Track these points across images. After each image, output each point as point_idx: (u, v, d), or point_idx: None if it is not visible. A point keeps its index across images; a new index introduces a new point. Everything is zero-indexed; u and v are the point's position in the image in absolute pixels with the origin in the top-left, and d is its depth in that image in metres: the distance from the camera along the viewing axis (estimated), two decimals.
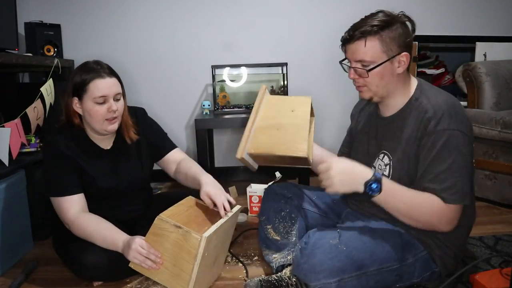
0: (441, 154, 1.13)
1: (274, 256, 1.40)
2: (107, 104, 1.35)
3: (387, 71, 1.18)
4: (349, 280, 1.14)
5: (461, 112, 1.16)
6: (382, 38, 1.14)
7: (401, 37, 1.16)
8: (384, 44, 1.15)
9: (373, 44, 1.15)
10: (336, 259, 1.14)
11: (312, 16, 2.69)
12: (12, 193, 1.57)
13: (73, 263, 1.36)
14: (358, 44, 1.16)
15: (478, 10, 2.80)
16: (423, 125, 1.16)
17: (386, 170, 1.26)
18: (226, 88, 2.50)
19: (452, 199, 1.12)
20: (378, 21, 1.14)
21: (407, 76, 1.24)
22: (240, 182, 2.65)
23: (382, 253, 1.18)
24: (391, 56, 1.16)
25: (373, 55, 1.16)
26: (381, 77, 1.18)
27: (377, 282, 1.18)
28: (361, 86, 1.23)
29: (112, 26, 2.61)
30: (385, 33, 1.14)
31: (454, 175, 1.12)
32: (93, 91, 1.33)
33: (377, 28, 1.14)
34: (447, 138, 1.12)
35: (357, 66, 1.19)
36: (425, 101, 1.18)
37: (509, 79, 2.35)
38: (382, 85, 1.20)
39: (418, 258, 1.22)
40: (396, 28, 1.16)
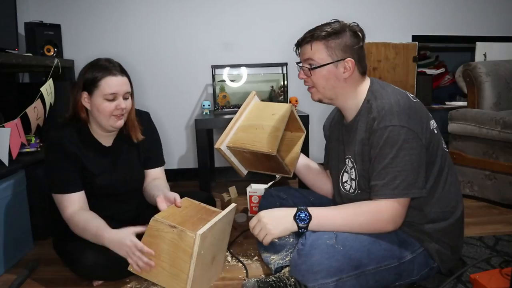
0: (383, 150, 1.16)
1: (273, 258, 1.40)
2: (116, 101, 1.38)
3: (332, 74, 1.25)
4: (347, 280, 1.14)
5: (405, 108, 1.17)
6: (327, 44, 1.23)
7: (348, 44, 1.23)
8: (329, 49, 1.23)
9: (318, 47, 1.24)
10: (333, 259, 1.14)
11: (312, 16, 2.68)
12: (12, 193, 1.57)
13: (73, 262, 1.36)
14: (306, 46, 1.27)
15: (478, 10, 2.80)
16: (369, 125, 1.20)
17: (353, 173, 1.30)
18: (226, 88, 2.50)
19: (390, 194, 1.14)
20: (328, 28, 1.23)
21: (359, 80, 1.28)
22: (240, 182, 2.65)
23: (379, 251, 1.18)
24: (335, 60, 1.23)
25: (318, 56, 1.25)
26: (326, 79, 1.26)
27: (376, 281, 1.18)
28: (310, 88, 1.32)
29: (112, 26, 2.61)
30: (331, 39, 1.23)
31: (394, 170, 1.14)
32: (104, 87, 1.36)
33: (325, 34, 1.23)
34: (388, 134, 1.15)
35: (305, 65, 1.29)
36: (373, 103, 1.21)
37: (509, 79, 2.35)
38: (328, 87, 1.27)
39: (416, 255, 1.23)
40: (343, 36, 1.23)
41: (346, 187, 1.35)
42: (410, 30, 2.74)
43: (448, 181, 1.27)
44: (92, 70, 1.38)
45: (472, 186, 2.19)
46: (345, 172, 1.35)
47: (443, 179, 1.26)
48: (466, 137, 2.18)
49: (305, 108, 2.60)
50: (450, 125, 2.25)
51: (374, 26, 2.71)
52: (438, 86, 3.00)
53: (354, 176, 1.29)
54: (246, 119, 1.49)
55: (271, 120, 1.44)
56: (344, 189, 1.35)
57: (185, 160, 2.79)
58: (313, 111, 2.46)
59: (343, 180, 1.37)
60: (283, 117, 1.43)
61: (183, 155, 2.79)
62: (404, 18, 2.76)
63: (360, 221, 1.18)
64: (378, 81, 1.31)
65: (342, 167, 1.37)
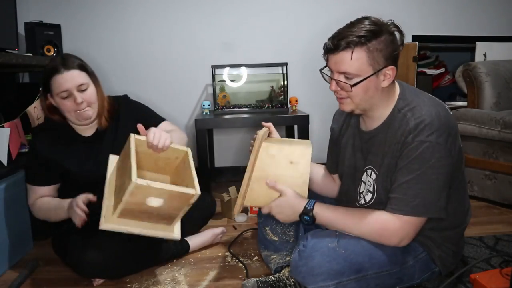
0: (412, 165, 1.09)
1: (273, 257, 1.40)
2: (72, 96, 1.38)
3: (372, 84, 1.11)
4: (347, 283, 1.14)
5: (446, 123, 1.09)
6: (369, 50, 1.07)
7: (388, 48, 1.08)
8: (371, 57, 1.07)
9: (359, 56, 1.07)
10: (334, 262, 1.13)
11: (312, 16, 2.69)
12: (12, 193, 1.57)
13: (73, 260, 1.36)
14: (343, 55, 1.08)
15: (478, 10, 2.80)
16: (404, 137, 1.11)
17: (372, 185, 1.23)
18: (226, 88, 2.50)
19: (407, 211, 1.10)
20: (366, 31, 1.06)
21: (392, 87, 1.18)
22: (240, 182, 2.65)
23: (381, 256, 1.17)
24: (377, 70, 1.09)
25: (358, 68, 1.08)
26: (365, 91, 1.12)
27: (376, 285, 1.18)
28: (343, 98, 1.17)
29: (112, 26, 2.60)
30: (372, 44, 1.06)
31: (417, 187, 1.09)
32: (55, 87, 1.37)
33: (365, 39, 1.06)
34: (422, 150, 1.07)
35: (340, 78, 1.12)
36: (408, 114, 1.12)
37: (509, 79, 2.35)
38: (365, 98, 1.14)
39: (418, 259, 1.22)
40: (384, 38, 1.08)
41: (362, 198, 1.27)
42: (410, 30, 2.74)
43: (461, 192, 1.24)
44: (43, 73, 1.40)
45: (472, 186, 2.18)
46: (363, 183, 1.27)
47: (458, 192, 1.22)
48: (466, 137, 2.18)
49: (305, 108, 2.60)
50: None
51: None
52: (438, 86, 3.00)
53: (372, 189, 1.22)
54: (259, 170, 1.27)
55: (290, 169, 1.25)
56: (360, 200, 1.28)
57: None
58: (313, 111, 2.46)
59: (360, 191, 1.28)
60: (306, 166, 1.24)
61: None
62: (404, 18, 2.74)
63: (362, 230, 1.16)
64: (409, 86, 1.21)
65: (359, 177, 1.28)
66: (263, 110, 2.43)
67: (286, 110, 2.43)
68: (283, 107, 2.45)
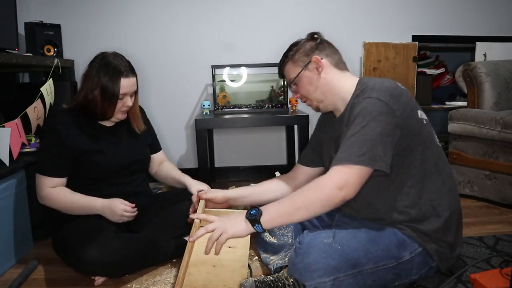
0: (356, 119, 1.16)
1: (272, 258, 1.40)
2: (124, 99, 1.48)
3: (309, 78, 1.32)
4: (344, 279, 1.14)
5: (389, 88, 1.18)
6: (292, 60, 1.35)
7: (307, 47, 1.34)
8: (296, 62, 1.34)
9: (288, 67, 1.37)
10: (331, 257, 1.14)
11: (312, 16, 2.69)
12: (12, 193, 1.57)
13: (73, 257, 1.36)
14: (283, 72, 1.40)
15: (478, 10, 2.80)
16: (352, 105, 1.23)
17: None
18: (226, 88, 2.50)
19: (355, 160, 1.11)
20: (287, 52, 1.37)
21: (339, 74, 1.33)
22: (240, 182, 2.66)
23: (377, 251, 1.18)
24: (304, 65, 1.32)
25: (292, 73, 1.36)
26: (308, 84, 1.33)
27: (374, 280, 1.18)
28: (305, 101, 1.39)
29: (112, 26, 2.61)
30: (293, 55, 1.35)
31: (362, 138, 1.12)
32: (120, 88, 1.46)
33: (287, 55, 1.36)
34: (364, 105, 1.16)
35: (292, 87, 1.39)
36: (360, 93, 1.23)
37: (509, 79, 2.35)
38: (312, 90, 1.33)
39: (415, 255, 1.22)
40: (301, 45, 1.35)
41: None
42: (410, 30, 2.74)
43: (442, 176, 1.25)
44: (106, 70, 1.43)
45: (472, 186, 2.19)
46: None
47: (435, 172, 1.24)
48: (466, 137, 2.18)
49: (305, 108, 2.60)
50: (450, 125, 2.25)
51: (374, 26, 2.71)
52: (438, 86, 3.00)
53: None
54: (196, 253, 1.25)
55: (229, 254, 1.25)
56: None
57: (185, 160, 2.79)
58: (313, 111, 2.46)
59: None
60: (245, 250, 1.26)
61: (183, 155, 2.79)
62: (404, 18, 2.76)
63: (305, 195, 1.15)
64: (368, 77, 1.35)
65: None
66: (263, 110, 2.43)
67: (286, 110, 2.43)
68: (283, 107, 2.45)
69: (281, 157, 2.85)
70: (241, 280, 1.27)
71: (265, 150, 2.84)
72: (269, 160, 2.83)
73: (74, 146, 1.45)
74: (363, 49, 2.64)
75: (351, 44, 2.68)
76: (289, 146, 2.76)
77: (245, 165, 2.86)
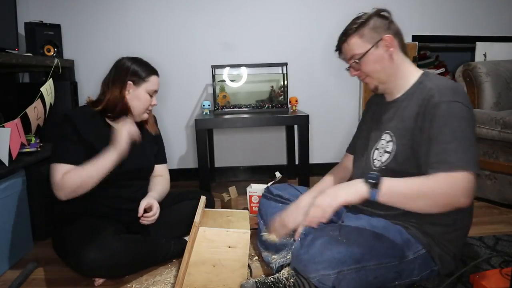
0: (449, 122, 1.13)
1: (274, 257, 1.40)
2: (153, 97, 1.57)
3: (377, 56, 1.28)
4: (348, 273, 1.13)
5: (464, 92, 1.19)
6: (360, 34, 1.28)
7: (378, 24, 1.28)
8: (364, 37, 1.28)
9: (354, 41, 1.29)
10: (336, 250, 1.13)
11: (312, 16, 2.69)
12: (12, 193, 1.57)
13: (73, 259, 1.36)
14: (344, 47, 1.33)
15: (478, 10, 2.80)
16: (427, 101, 1.19)
17: (389, 146, 1.27)
18: (226, 88, 2.50)
19: (464, 166, 1.09)
20: (355, 23, 1.29)
21: (404, 59, 1.31)
22: (240, 182, 2.66)
23: (382, 248, 1.18)
24: (374, 43, 1.27)
25: (358, 48, 1.29)
26: (374, 63, 1.28)
27: (376, 277, 1.18)
28: (364, 78, 1.34)
29: (112, 26, 2.61)
30: (362, 29, 1.28)
31: (458, 141, 1.11)
32: (152, 83, 1.54)
33: (354, 29, 1.28)
34: (449, 107, 1.14)
35: (351, 62, 1.32)
36: (429, 83, 1.22)
37: (509, 79, 2.35)
38: (378, 69, 1.29)
39: (418, 256, 1.22)
40: (371, 21, 1.28)
41: (375, 162, 1.32)
42: (410, 30, 2.74)
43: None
44: (139, 65, 1.53)
45: None
46: (376, 150, 1.33)
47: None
48: None
49: (305, 108, 2.60)
50: None
51: None
52: None
53: (391, 149, 1.26)
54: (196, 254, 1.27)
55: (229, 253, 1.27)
56: (375, 166, 1.31)
57: (185, 160, 2.79)
58: (313, 111, 2.46)
59: (373, 158, 1.34)
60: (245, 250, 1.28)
61: (183, 155, 2.79)
62: (404, 18, 2.75)
63: (433, 188, 1.10)
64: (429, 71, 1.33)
65: (373, 144, 1.36)
66: (263, 110, 2.43)
67: (286, 110, 2.43)
68: (283, 107, 2.45)
69: (281, 157, 2.85)
70: (241, 280, 1.26)
71: (265, 150, 2.84)
72: (269, 160, 2.83)
73: (87, 141, 1.44)
74: None
75: None
76: (289, 146, 2.76)
77: (245, 165, 2.86)
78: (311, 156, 2.57)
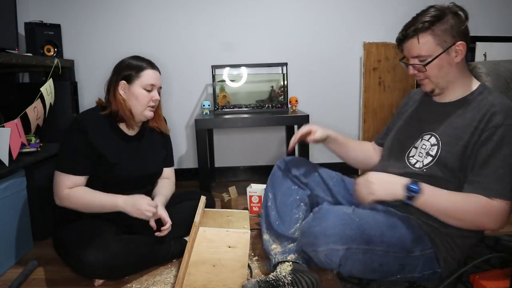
0: (504, 149, 1.12)
1: (274, 246, 1.39)
2: (152, 92, 1.50)
3: (445, 61, 1.20)
4: (355, 252, 1.14)
5: None
6: (434, 33, 1.18)
7: (454, 27, 1.18)
8: (437, 38, 1.18)
9: (426, 39, 1.19)
10: (348, 226, 1.14)
11: (312, 16, 2.69)
12: (12, 193, 1.57)
13: (74, 260, 1.36)
14: (411, 42, 1.21)
15: (478, 10, 2.80)
16: (488, 117, 1.15)
17: (434, 150, 1.25)
18: (226, 88, 2.50)
19: (501, 194, 1.10)
20: (429, 17, 1.18)
21: (466, 67, 1.26)
22: (240, 182, 2.66)
23: (392, 237, 1.18)
24: (446, 48, 1.19)
25: (428, 49, 1.19)
26: (439, 68, 1.21)
27: (380, 265, 1.18)
28: (422, 79, 1.27)
29: (112, 26, 2.61)
30: (436, 27, 1.17)
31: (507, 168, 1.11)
32: (146, 78, 1.48)
33: (428, 24, 1.17)
34: (508, 132, 1.11)
35: (415, 62, 1.23)
36: (490, 97, 1.19)
37: (509, 79, 2.35)
38: (441, 75, 1.23)
39: (424, 254, 1.23)
40: (447, 20, 1.18)
41: (412, 161, 1.30)
42: None
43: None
44: (135, 60, 1.49)
45: None
46: (414, 148, 1.32)
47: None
48: None
49: (305, 108, 2.60)
50: None
51: (374, 26, 2.71)
52: None
53: (434, 153, 1.24)
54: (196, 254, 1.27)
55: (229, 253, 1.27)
56: (410, 163, 1.30)
57: (185, 160, 2.79)
58: (313, 111, 2.46)
59: (410, 155, 1.32)
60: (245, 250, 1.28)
61: (183, 155, 2.79)
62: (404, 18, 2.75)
63: (468, 209, 1.12)
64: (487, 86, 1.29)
65: (411, 142, 1.33)
66: (263, 110, 2.43)
67: (286, 110, 2.43)
68: (283, 107, 2.45)
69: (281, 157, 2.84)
70: (241, 280, 1.27)
71: (265, 150, 2.84)
72: (269, 160, 2.83)
73: (97, 148, 1.42)
74: (363, 49, 2.64)
75: (351, 44, 2.68)
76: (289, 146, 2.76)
77: (245, 165, 2.86)
78: (311, 156, 2.57)
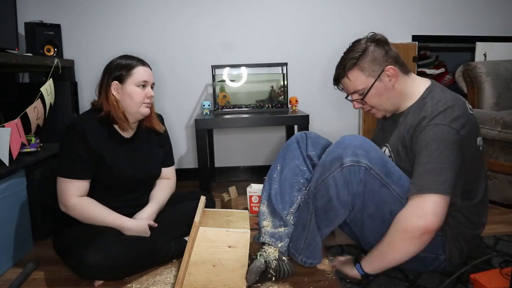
0: (429, 145, 1.14)
1: (265, 223, 1.42)
2: (146, 89, 1.49)
3: (381, 89, 1.26)
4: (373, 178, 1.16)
5: (460, 115, 1.16)
6: (360, 67, 1.24)
7: (378, 56, 1.24)
8: (365, 70, 1.24)
9: (355, 75, 1.26)
10: (374, 151, 1.20)
11: (312, 16, 2.69)
12: (12, 193, 1.57)
13: (74, 261, 1.36)
14: (344, 81, 1.29)
15: (478, 10, 2.80)
16: (418, 121, 1.20)
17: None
18: (226, 88, 2.50)
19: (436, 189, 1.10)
20: (352, 54, 1.25)
21: (407, 80, 1.28)
22: (240, 182, 2.65)
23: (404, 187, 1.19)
24: (377, 76, 1.24)
25: (361, 83, 1.26)
26: (378, 96, 1.27)
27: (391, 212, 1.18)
28: (369, 110, 1.33)
29: (112, 26, 2.61)
30: (361, 61, 1.24)
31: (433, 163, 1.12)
32: (137, 75, 1.47)
33: (354, 61, 1.24)
34: (438, 133, 1.14)
35: (355, 97, 1.31)
36: (429, 101, 1.22)
37: (509, 79, 2.35)
38: (384, 101, 1.28)
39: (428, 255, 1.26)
40: (369, 52, 1.24)
41: None
42: (410, 30, 2.74)
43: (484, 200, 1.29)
44: (123, 60, 1.49)
45: None
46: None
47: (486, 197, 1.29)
48: None
49: (305, 108, 2.60)
50: None
51: (374, 26, 2.70)
52: None
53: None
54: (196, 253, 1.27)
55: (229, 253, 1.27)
56: None
57: (185, 160, 2.79)
58: (313, 111, 2.46)
59: None
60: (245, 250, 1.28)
61: (183, 155, 2.79)
62: (404, 18, 2.76)
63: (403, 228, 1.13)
64: (440, 85, 1.30)
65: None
66: (263, 110, 2.43)
67: (286, 110, 2.43)
68: (283, 107, 2.45)
69: None
70: (241, 280, 1.27)
71: (265, 150, 2.84)
72: (269, 160, 2.83)
73: (96, 151, 1.42)
74: None
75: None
76: None
77: (245, 165, 2.86)
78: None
